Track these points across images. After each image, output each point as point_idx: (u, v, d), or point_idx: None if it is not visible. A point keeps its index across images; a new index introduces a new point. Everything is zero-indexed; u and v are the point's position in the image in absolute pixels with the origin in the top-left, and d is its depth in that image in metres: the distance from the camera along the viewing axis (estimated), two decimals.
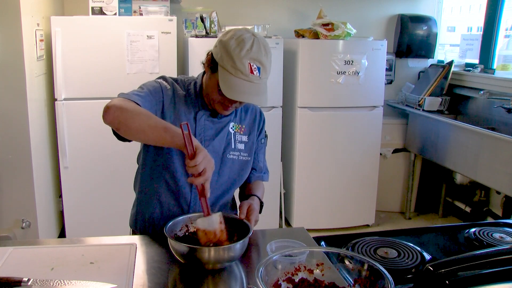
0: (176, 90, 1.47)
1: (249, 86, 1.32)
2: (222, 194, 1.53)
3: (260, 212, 1.51)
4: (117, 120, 1.25)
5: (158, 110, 1.42)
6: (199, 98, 1.47)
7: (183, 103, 1.46)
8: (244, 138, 1.55)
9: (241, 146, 1.54)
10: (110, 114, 1.25)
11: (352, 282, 1.07)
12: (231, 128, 1.53)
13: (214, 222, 1.26)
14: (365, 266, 1.06)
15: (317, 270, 1.13)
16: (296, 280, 1.09)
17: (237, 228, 1.36)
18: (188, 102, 1.47)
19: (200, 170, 1.19)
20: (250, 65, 1.31)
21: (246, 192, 1.59)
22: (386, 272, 1.00)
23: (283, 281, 1.08)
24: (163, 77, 1.50)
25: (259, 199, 1.55)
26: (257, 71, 1.32)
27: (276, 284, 1.06)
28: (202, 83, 1.48)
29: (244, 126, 1.56)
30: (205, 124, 1.47)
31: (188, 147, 1.19)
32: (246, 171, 1.57)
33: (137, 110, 1.26)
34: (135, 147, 1.55)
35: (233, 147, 1.52)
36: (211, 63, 1.39)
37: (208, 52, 1.42)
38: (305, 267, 1.13)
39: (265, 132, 1.64)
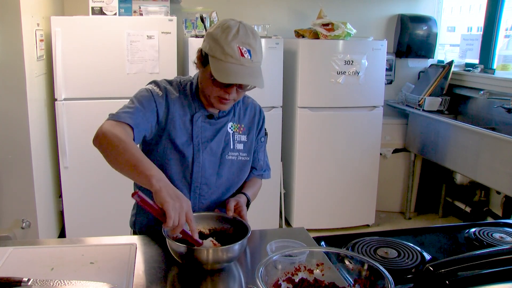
0: (169, 94, 1.44)
1: (242, 69, 1.31)
2: (221, 195, 1.53)
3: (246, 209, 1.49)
4: (101, 149, 1.30)
5: (152, 120, 1.40)
6: (196, 99, 1.46)
7: (179, 106, 1.44)
8: (243, 138, 1.54)
9: (240, 146, 1.52)
10: (97, 142, 1.30)
11: (352, 282, 1.07)
12: (230, 128, 1.51)
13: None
14: (365, 266, 1.06)
15: (317, 270, 1.13)
16: (296, 280, 1.09)
17: (235, 228, 1.36)
18: (184, 104, 1.45)
19: (176, 223, 1.12)
20: (240, 48, 1.30)
21: (238, 189, 1.57)
22: (386, 272, 1.00)
23: (283, 281, 1.08)
24: (154, 82, 1.47)
25: (247, 197, 1.52)
26: (247, 53, 1.31)
27: (276, 284, 1.06)
28: (197, 83, 1.47)
29: (243, 126, 1.54)
30: (202, 125, 1.46)
31: (152, 212, 1.12)
32: (245, 171, 1.56)
33: (115, 143, 1.25)
34: None
35: (232, 147, 1.51)
36: (202, 57, 1.38)
37: (198, 49, 1.40)
38: (305, 267, 1.13)
39: (265, 130, 1.63)
